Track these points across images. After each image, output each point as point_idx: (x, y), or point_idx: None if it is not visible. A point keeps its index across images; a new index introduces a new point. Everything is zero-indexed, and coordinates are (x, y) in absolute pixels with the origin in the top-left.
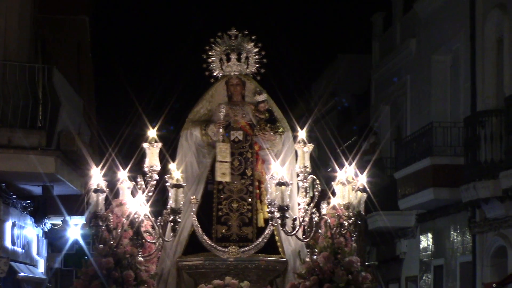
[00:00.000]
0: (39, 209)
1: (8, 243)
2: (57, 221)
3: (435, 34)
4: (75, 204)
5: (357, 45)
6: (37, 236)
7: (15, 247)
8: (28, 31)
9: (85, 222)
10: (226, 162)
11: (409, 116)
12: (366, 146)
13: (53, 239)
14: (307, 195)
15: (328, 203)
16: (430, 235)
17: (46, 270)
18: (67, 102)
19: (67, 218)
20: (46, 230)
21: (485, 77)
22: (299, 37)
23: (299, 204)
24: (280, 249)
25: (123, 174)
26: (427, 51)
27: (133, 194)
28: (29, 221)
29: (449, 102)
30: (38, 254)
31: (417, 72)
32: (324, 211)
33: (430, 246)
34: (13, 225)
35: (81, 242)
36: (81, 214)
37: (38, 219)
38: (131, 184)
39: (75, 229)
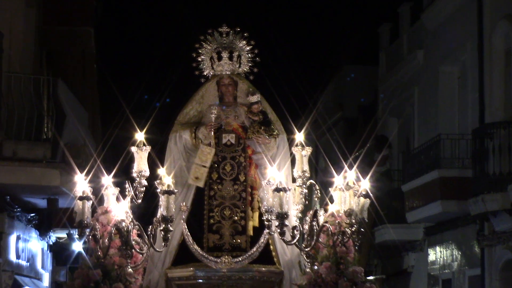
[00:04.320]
0: (44, 222)
1: (12, 257)
2: (62, 234)
3: (442, 45)
4: None
5: (363, 56)
6: (42, 249)
7: (20, 261)
8: (32, 42)
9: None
10: (204, 166)
11: (416, 128)
12: (376, 157)
13: (58, 252)
14: (306, 202)
15: (326, 210)
16: (438, 248)
17: (51, 283)
18: (72, 114)
19: (72, 231)
20: (51, 243)
21: (493, 88)
22: (305, 49)
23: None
24: (275, 259)
25: (107, 180)
26: (435, 62)
27: (119, 200)
28: (34, 234)
29: (457, 113)
30: (43, 267)
31: (424, 83)
32: (321, 218)
33: (438, 259)
34: (18, 238)
35: (85, 255)
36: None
37: (43, 232)
38: (116, 190)
39: (80, 242)
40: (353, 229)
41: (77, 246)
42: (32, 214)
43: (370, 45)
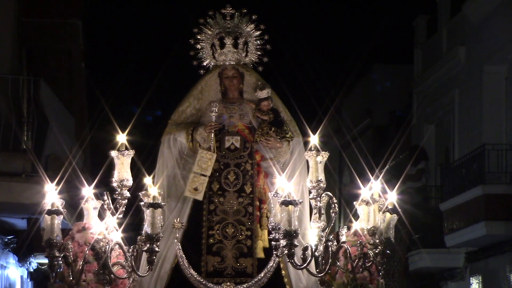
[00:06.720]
0: (24, 246)
1: None
2: (45, 260)
3: (487, 41)
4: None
5: (396, 53)
6: (21, 277)
7: None
8: (11, 37)
9: None
10: (204, 175)
11: (457, 137)
12: (411, 171)
13: (40, 280)
14: (322, 217)
15: (349, 228)
16: (481, 277)
17: None
18: (56, 120)
19: None
20: (32, 270)
21: None
22: (326, 39)
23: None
24: (288, 287)
25: (88, 191)
26: (478, 60)
27: (101, 216)
28: (11, 259)
29: (504, 120)
30: None
31: (466, 85)
32: (343, 238)
33: None
34: None
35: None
36: None
37: (22, 258)
38: (98, 204)
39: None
40: (376, 251)
41: None
42: (9, 237)
43: (404, 41)
